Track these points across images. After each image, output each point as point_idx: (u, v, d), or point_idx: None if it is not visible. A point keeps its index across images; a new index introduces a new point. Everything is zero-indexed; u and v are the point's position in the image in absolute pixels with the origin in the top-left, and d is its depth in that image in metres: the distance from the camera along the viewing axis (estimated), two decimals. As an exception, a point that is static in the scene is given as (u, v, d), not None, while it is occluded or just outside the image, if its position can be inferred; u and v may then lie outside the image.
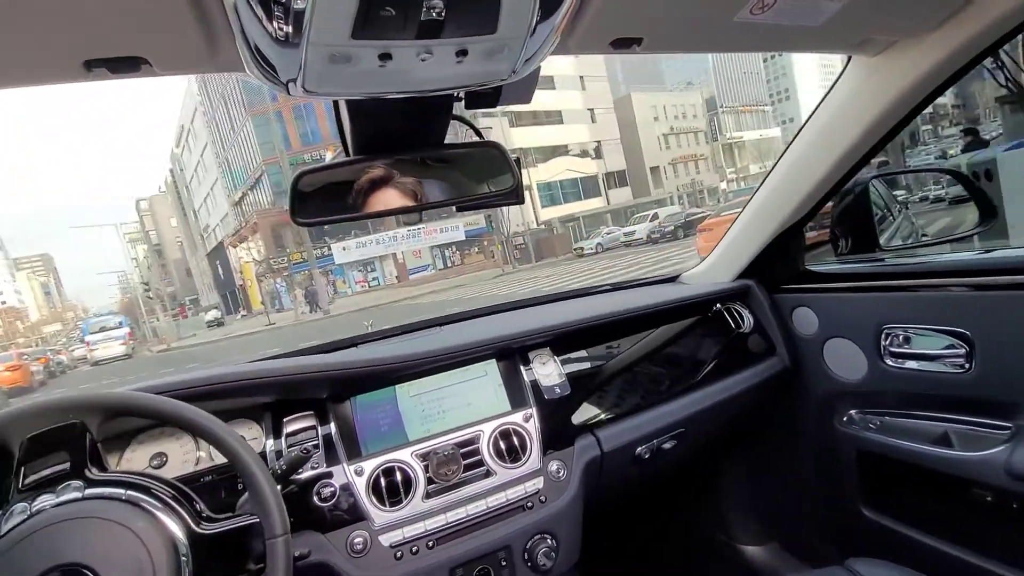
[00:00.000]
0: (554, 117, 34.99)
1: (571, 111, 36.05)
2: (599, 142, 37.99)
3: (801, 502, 1.46)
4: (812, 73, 66.40)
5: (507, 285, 16.94)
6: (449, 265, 29.48)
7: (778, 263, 1.35)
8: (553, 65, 31.85)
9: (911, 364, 1.08)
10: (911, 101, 0.94)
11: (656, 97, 44.72)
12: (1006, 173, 3.56)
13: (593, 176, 37.12)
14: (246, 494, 0.70)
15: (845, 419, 1.24)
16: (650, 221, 24.38)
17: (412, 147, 0.74)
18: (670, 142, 44.64)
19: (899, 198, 1.50)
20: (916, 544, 1.09)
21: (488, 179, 0.79)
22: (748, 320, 1.35)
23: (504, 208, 25.26)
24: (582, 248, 25.25)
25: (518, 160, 0.78)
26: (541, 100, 32.58)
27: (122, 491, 0.62)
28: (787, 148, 1.19)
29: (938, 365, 1.03)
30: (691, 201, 37.32)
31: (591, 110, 38.15)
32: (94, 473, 0.64)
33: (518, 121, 31.83)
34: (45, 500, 0.59)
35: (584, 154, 36.99)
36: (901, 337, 1.09)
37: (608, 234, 26.16)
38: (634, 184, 40.89)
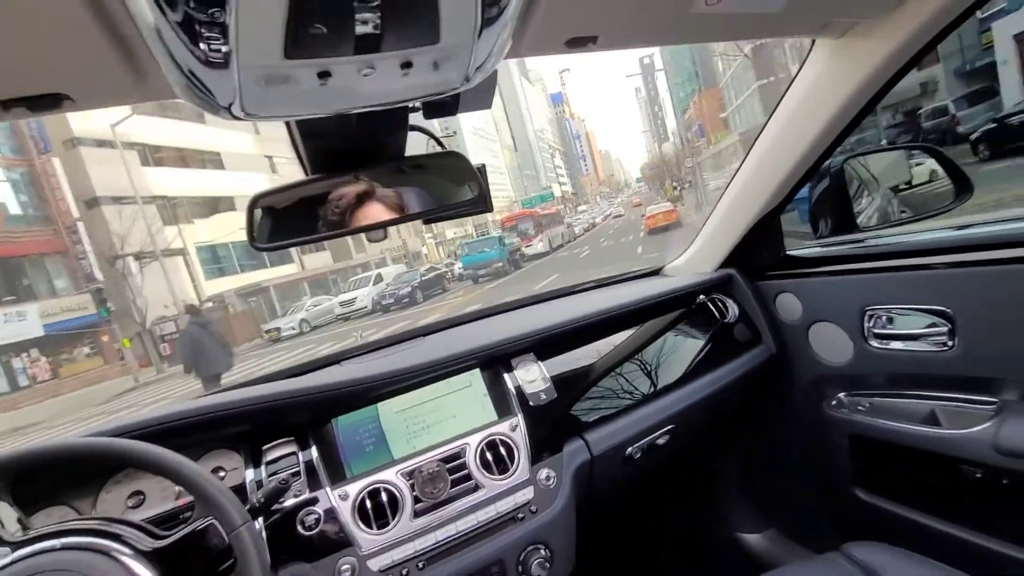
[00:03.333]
0: (211, 160, 26.20)
1: (239, 155, 27.89)
2: (284, 197, 30.40)
3: (796, 487, 1.45)
4: (479, 153, 76.44)
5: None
6: (24, 384, 16.65)
7: (758, 250, 1.33)
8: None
9: (895, 344, 1.07)
10: (879, 81, 0.93)
11: (347, 154, 40.27)
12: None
13: (281, 237, 29.10)
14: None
15: (834, 403, 1.23)
16: (374, 284, 18.83)
17: (371, 162, 0.71)
18: (367, 204, 40.21)
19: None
20: (910, 524, 1.09)
21: (453, 189, 0.76)
22: (732, 310, 1.33)
23: (136, 279, 18.09)
24: (278, 329, 17.66)
25: (481, 168, 0.76)
26: (192, 137, 24.19)
27: (56, 542, 0.58)
28: (758, 136, 1.16)
29: (921, 344, 1.02)
30: (405, 265, 33.45)
31: (270, 157, 30.62)
32: (15, 536, 0.59)
33: (155, 158, 21.88)
34: None
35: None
36: (884, 318, 1.08)
37: (316, 306, 19.45)
38: (333, 247, 34.66)
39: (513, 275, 18.61)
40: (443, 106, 0.64)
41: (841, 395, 1.22)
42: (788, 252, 1.33)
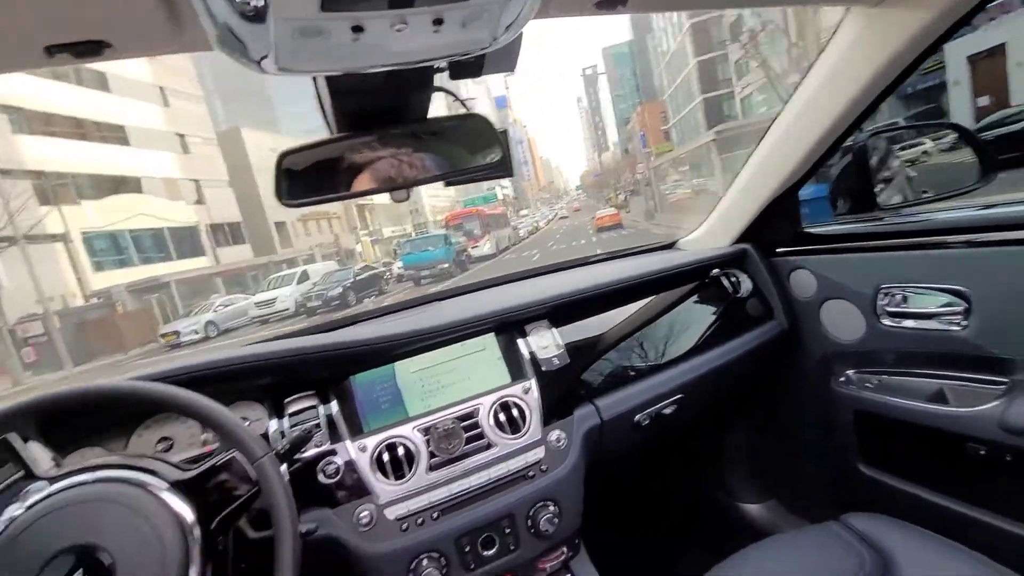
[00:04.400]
0: (111, 133, 22.60)
1: (146, 131, 24.46)
2: (197, 181, 27.13)
3: (800, 461, 1.47)
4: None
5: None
6: None
7: (775, 226, 1.33)
8: (112, 64, 20.33)
9: (908, 323, 1.07)
10: (913, 51, 0.90)
11: (276, 140, 36.25)
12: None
13: (191, 227, 25.81)
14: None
15: (843, 379, 1.24)
16: (298, 283, 16.52)
17: (396, 122, 0.73)
18: (297, 195, 36.77)
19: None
20: (912, 498, 1.10)
21: (475, 152, 0.77)
22: (746, 284, 1.33)
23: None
24: (177, 333, 15.01)
25: (504, 132, 0.76)
26: (94, 106, 21.29)
27: (90, 475, 0.62)
28: (783, 107, 1.15)
29: (935, 323, 1.02)
30: (337, 263, 30.50)
31: (182, 136, 27.09)
32: (50, 471, 0.62)
33: (41, 127, 18.37)
34: (13, 510, 0.58)
35: (175, 196, 25.40)
36: (899, 296, 1.08)
37: (226, 306, 16.75)
38: (255, 241, 31.36)
39: (459, 277, 17.04)
40: (468, 66, 0.65)
41: (850, 372, 1.23)
42: (805, 228, 1.32)
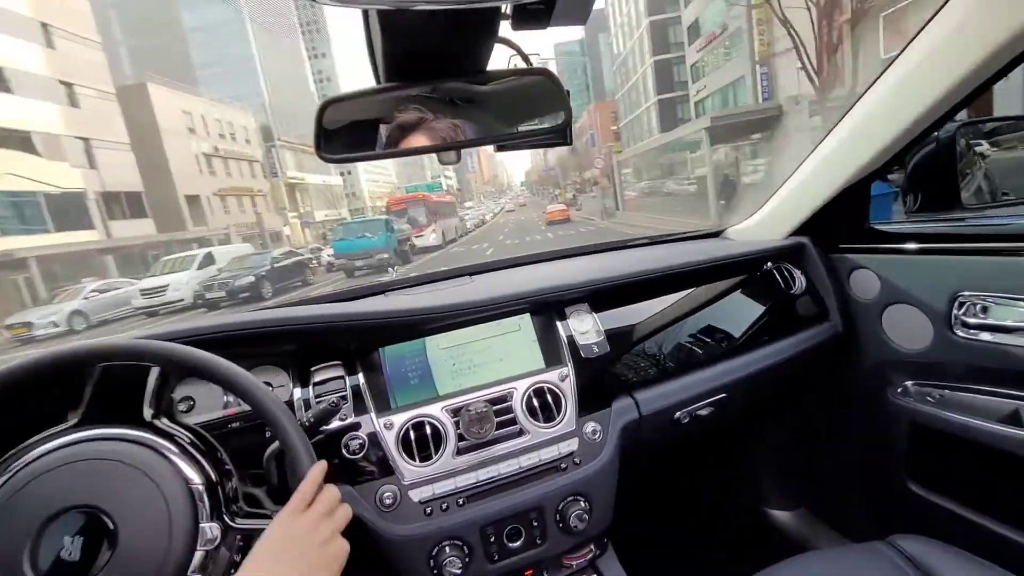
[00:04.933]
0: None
1: (26, 76, 20.33)
2: (87, 140, 23.00)
3: (840, 471, 1.41)
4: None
5: None
6: None
7: (839, 220, 1.23)
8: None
9: (985, 336, 0.98)
10: None
11: (192, 102, 32.08)
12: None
13: (77, 193, 21.77)
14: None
15: (900, 390, 1.16)
16: (200, 268, 13.65)
17: (450, 73, 0.65)
18: (215, 167, 32.71)
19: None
20: (966, 523, 1.02)
21: (535, 114, 0.70)
22: (800, 281, 1.25)
23: None
24: (28, 325, 11.84)
25: (569, 93, 0.69)
26: None
27: (95, 432, 0.60)
28: (869, 88, 1.03)
29: (1019, 338, 0.94)
30: (258, 246, 26.79)
31: (69, 85, 22.83)
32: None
33: None
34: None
35: (56, 156, 21.29)
36: (978, 306, 0.99)
37: (102, 292, 13.62)
38: (159, 215, 27.31)
39: (403, 270, 14.86)
40: (535, 15, 0.58)
41: (908, 383, 1.15)
42: (872, 225, 1.22)
